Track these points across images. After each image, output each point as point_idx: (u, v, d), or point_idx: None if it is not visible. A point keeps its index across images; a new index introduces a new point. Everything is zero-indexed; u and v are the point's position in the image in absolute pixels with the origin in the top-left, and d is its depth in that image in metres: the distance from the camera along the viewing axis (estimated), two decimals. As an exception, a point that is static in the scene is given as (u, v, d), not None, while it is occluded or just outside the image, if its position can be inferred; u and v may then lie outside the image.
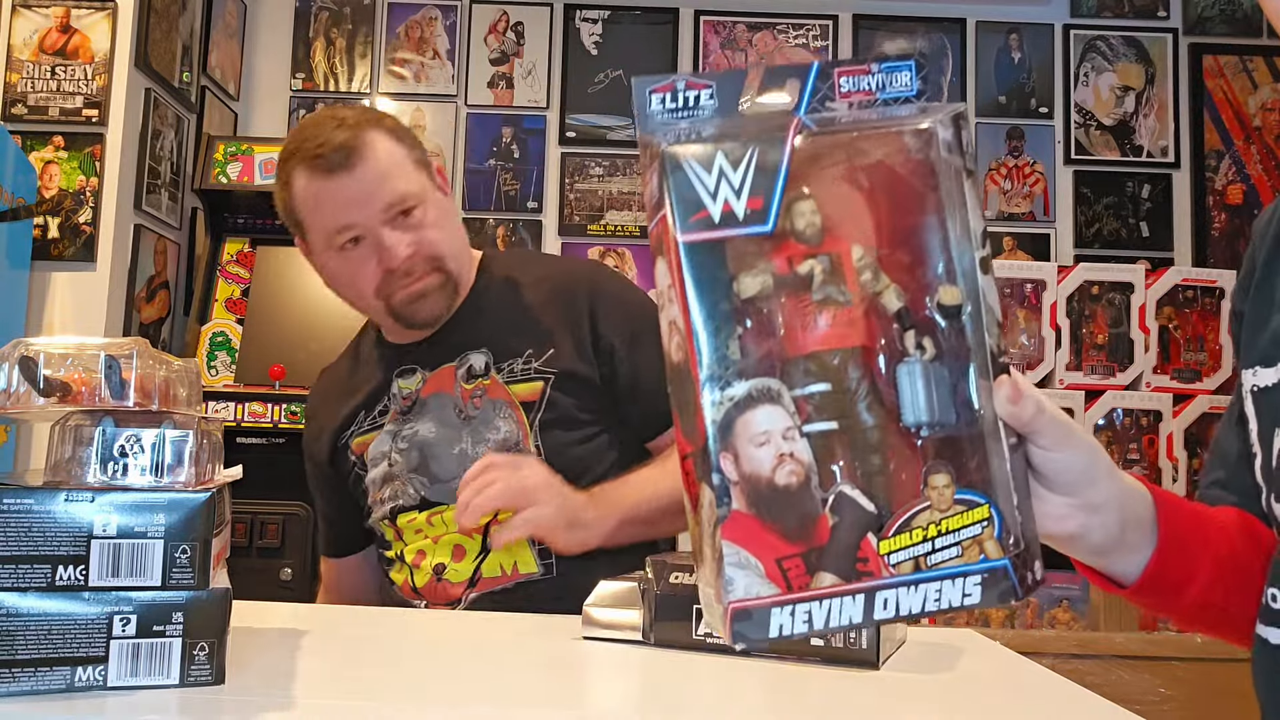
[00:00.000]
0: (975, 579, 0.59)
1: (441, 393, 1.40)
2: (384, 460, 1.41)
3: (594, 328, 1.39)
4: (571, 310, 1.40)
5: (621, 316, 1.41)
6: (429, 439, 1.38)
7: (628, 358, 1.38)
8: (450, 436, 1.37)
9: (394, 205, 1.32)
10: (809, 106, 0.61)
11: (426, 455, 1.38)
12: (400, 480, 1.39)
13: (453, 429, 1.37)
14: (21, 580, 0.67)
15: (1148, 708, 2.02)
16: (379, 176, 1.32)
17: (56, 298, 2.58)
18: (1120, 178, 3.35)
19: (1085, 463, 0.66)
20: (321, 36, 3.36)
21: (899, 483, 0.58)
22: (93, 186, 2.59)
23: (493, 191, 3.33)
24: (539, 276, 1.46)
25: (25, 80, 2.62)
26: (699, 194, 0.58)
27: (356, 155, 1.31)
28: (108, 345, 0.72)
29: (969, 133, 0.61)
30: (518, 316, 1.41)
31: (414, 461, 1.38)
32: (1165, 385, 2.70)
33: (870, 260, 0.59)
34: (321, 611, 1.14)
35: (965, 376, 0.59)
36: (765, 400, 0.57)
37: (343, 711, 0.70)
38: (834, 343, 0.59)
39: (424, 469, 1.38)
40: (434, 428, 1.38)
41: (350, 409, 1.46)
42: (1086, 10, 3.38)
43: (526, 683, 0.82)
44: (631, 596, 0.95)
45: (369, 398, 1.44)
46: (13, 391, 0.71)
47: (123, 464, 0.71)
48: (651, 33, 3.37)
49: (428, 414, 1.39)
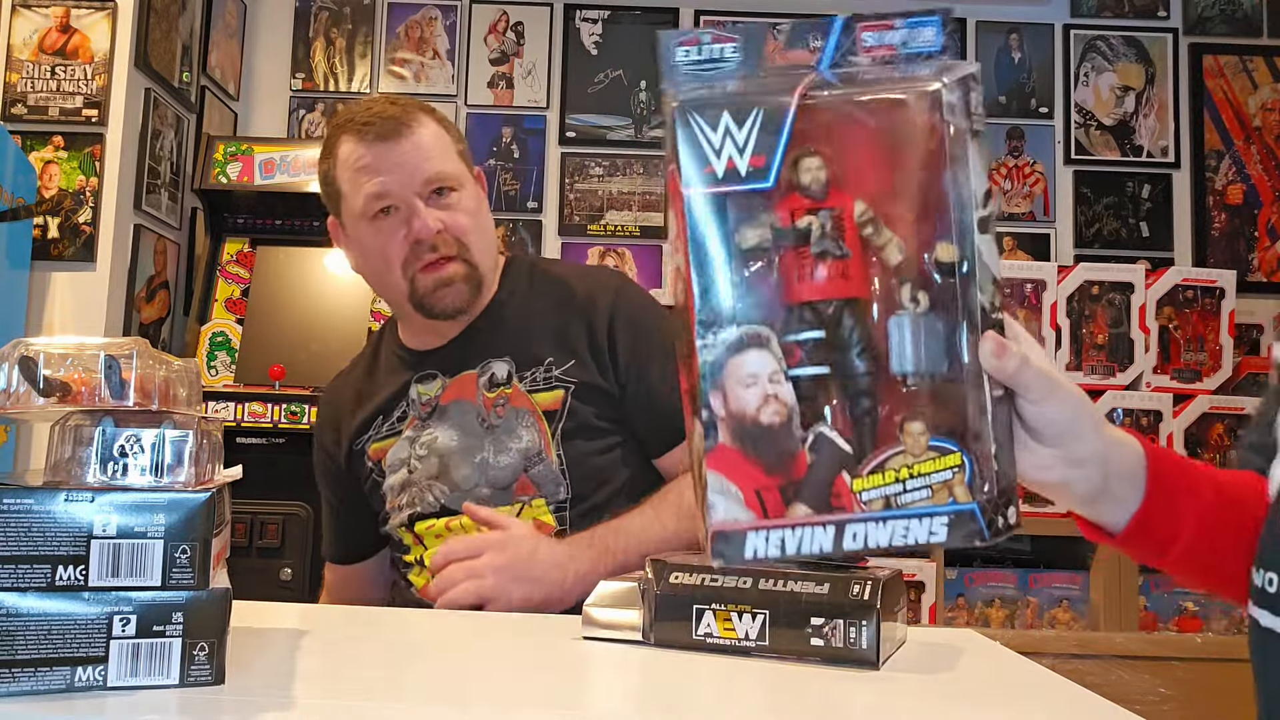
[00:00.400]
0: (943, 519, 0.63)
1: (463, 400, 1.39)
2: (402, 467, 1.40)
3: (612, 342, 1.39)
4: (592, 322, 1.40)
5: (639, 332, 1.40)
6: (450, 446, 1.37)
7: (642, 374, 1.38)
8: (471, 445, 1.36)
9: (433, 181, 1.35)
10: (831, 61, 0.63)
11: (447, 463, 1.37)
12: (419, 487, 1.38)
13: (474, 437, 1.37)
14: (21, 580, 0.67)
15: (1148, 708, 2.02)
16: (423, 152, 1.35)
17: (56, 298, 2.58)
18: (1120, 178, 3.35)
19: (1069, 416, 0.69)
20: (321, 36, 3.36)
21: (881, 428, 0.63)
22: (93, 186, 2.59)
23: (493, 191, 3.32)
24: (562, 286, 1.46)
25: (25, 80, 2.62)
26: (705, 150, 0.61)
27: (405, 128, 1.34)
28: (108, 345, 0.72)
29: (979, 94, 0.62)
30: (540, 325, 1.41)
31: (433, 469, 1.37)
32: (1165, 385, 2.70)
33: (872, 215, 0.62)
34: (321, 611, 1.14)
35: (956, 330, 0.63)
36: (755, 345, 0.62)
37: (343, 711, 0.70)
38: (830, 293, 0.63)
39: (444, 476, 1.37)
40: (455, 435, 1.37)
41: (368, 413, 1.45)
42: (1086, 10, 3.38)
43: (526, 683, 0.82)
44: (631, 596, 0.95)
45: (387, 402, 1.44)
46: (13, 391, 0.71)
47: (123, 464, 0.71)
48: (651, 33, 3.36)
49: (448, 421, 1.38)
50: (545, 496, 1.34)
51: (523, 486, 1.34)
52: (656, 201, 3.34)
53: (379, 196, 1.34)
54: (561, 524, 1.33)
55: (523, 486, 1.34)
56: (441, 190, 1.36)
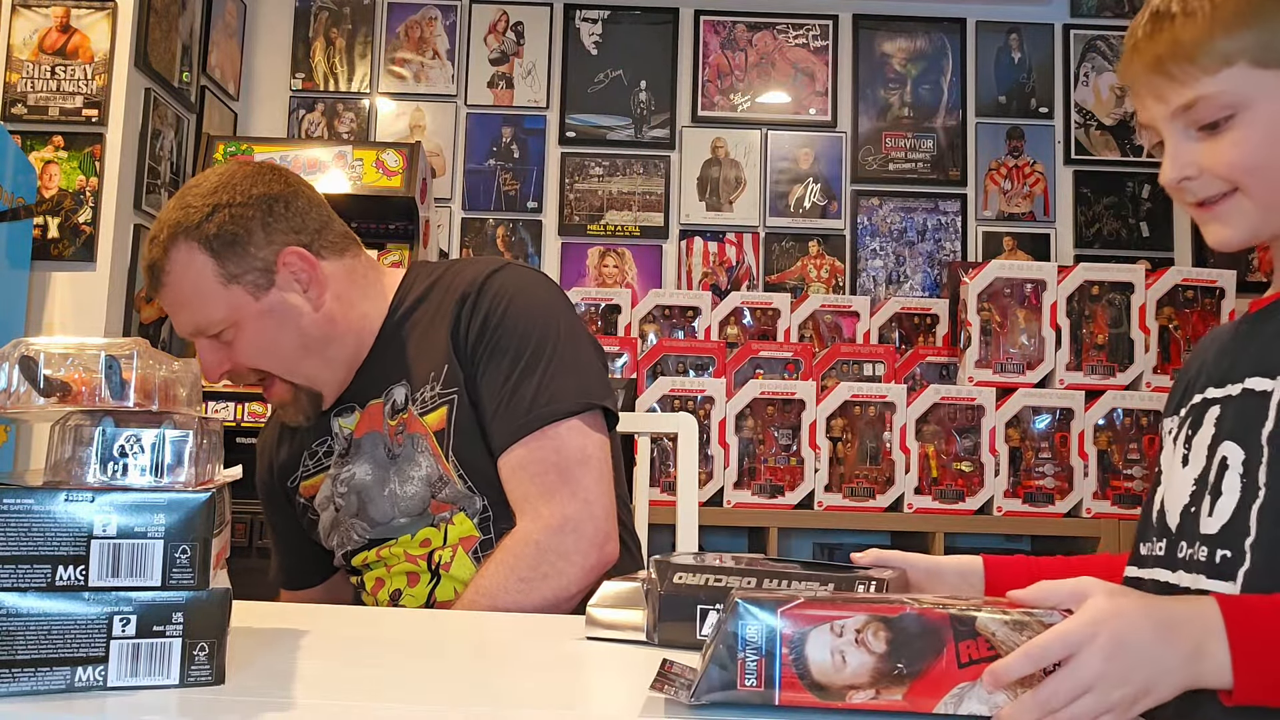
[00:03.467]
0: None
1: (373, 431, 1.34)
2: (329, 505, 1.37)
3: (466, 328, 1.30)
4: (457, 315, 1.31)
5: (492, 314, 1.30)
6: (365, 482, 1.33)
7: (489, 359, 1.29)
8: (381, 477, 1.32)
9: (196, 332, 1.29)
10: None
11: (364, 499, 1.33)
12: (345, 526, 1.35)
13: (383, 468, 1.32)
14: (21, 580, 0.67)
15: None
16: (178, 305, 1.29)
17: (56, 298, 2.58)
18: (1120, 178, 3.35)
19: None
20: (321, 36, 3.36)
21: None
22: (92, 186, 2.59)
23: (493, 191, 3.33)
24: (442, 289, 1.36)
25: (25, 80, 2.62)
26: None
27: (160, 279, 1.28)
28: (108, 345, 0.72)
29: None
30: (424, 337, 1.34)
31: (354, 506, 1.34)
32: (1165, 385, 2.70)
33: None
34: (321, 611, 1.14)
35: None
36: None
37: (343, 711, 0.70)
38: None
39: (363, 513, 1.33)
40: (369, 469, 1.33)
41: (294, 450, 1.41)
42: (1086, 10, 3.38)
43: (526, 683, 0.82)
44: (635, 596, 0.95)
45: (312, 437, 1.39)
46: (13, 391, 0.71)
47: (123, 464, 0.71)
48: (651, 32, 3.37)
49: (362, 455, 1.34)
50: (464, 510, 1.30)
51: (437, 507, 1.30)
52: (656, 201, 3.34)
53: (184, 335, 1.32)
54: (486, 532, 1.29)
55: (437, 507, 1.30)
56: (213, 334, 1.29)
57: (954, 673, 0.66)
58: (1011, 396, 2.72)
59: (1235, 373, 0.86)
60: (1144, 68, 0.89)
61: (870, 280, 3.33)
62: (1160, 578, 0.88)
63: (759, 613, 0.68)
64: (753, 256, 3.33)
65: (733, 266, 3.32)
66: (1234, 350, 0.89)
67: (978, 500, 2.70)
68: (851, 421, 2.73)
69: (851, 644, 0.67)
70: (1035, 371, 2.76)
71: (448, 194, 3.31)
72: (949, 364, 2.96)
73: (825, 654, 0.67)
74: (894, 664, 0.67)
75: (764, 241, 3.33)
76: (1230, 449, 0.82)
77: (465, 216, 3.32)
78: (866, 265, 3.34)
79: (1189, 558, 0.84)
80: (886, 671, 0.67)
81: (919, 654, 0.67)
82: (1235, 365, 0.86)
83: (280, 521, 1.48)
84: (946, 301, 3.04)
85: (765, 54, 3.40)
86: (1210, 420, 0.86)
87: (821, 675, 0.67)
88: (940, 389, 2.74)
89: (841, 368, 2.88)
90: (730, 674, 0.67)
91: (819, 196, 3.35)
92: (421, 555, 1.31)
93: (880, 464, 2.72)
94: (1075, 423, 2.70)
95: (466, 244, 3.31)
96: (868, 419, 2.73)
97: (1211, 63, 0.84)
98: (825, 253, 3.33)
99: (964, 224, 3.34)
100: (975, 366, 2.76)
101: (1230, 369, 0.87)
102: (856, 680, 0.67)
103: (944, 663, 0.67)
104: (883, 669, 0.67)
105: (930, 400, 2.72)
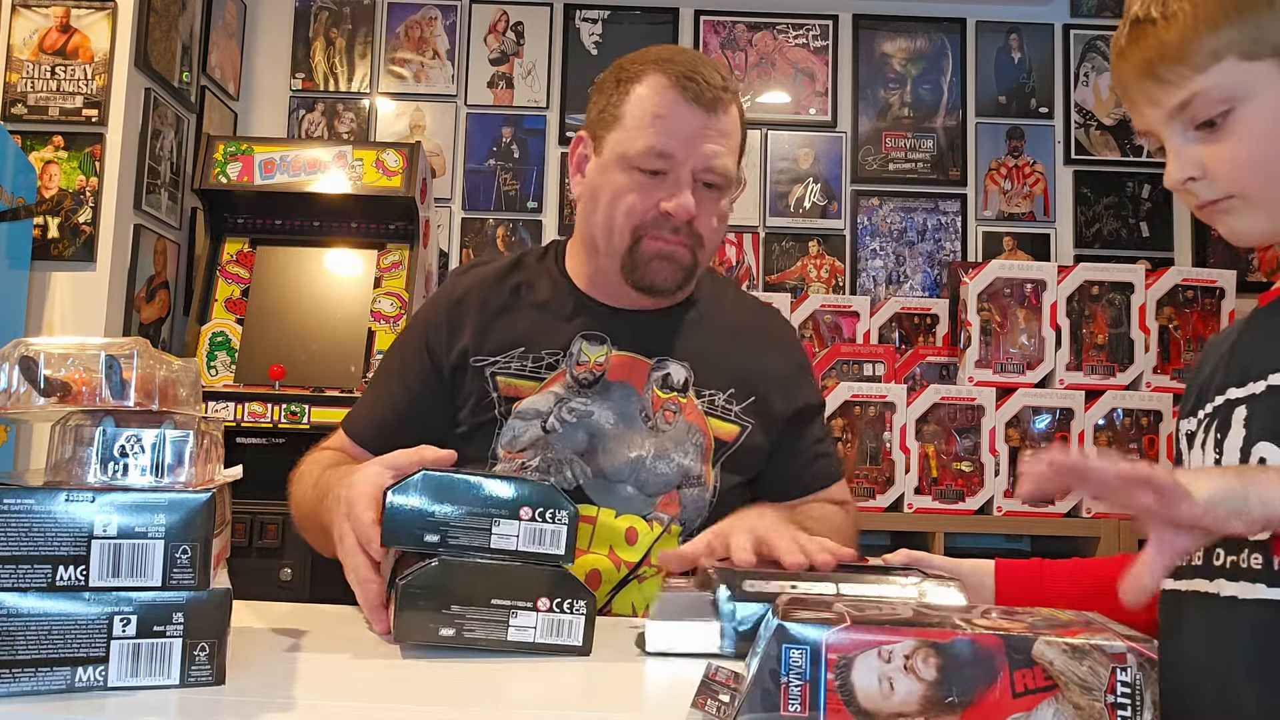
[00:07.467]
0: None
1: (629, 384, 1.30)
2: (537, 419, 1.28)
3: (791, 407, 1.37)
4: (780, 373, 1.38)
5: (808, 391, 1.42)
6: (604, 428, 1.27)
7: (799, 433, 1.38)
8: (630, 438, 1.27)
9: (712, 172, 1.26)
10: None
11: (598, 444, 1.27)
12: (558, 457, 1.26)
13: (636, 432, 1.28)
14: (22, 580, 0.67)
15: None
16: (723, 140, 1.26)
17: (56, 298, 2.58)
18: (1120, 178, 3.35)
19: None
20: (321, 36, 3.36)
21: None
22: (92, 186, 2.59)
23: (493, 191, 3.33)
24: (750, 318, 1.43)
25: (25, 80, 2.62)
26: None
27: (723, 109, 1.25)
28: (108, 345, 0.72)
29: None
30: (727, 349, 1.36)
31: (580, 444, 1.27)
32: (1165, 385, 2.70)
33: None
34: (321, 611, 1.14)
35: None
36: None
37: (343, 711, 0.70)
38: None
39: (591, 458, 1.27)
40: (613, 418, 1.28)
41: (509, 338, 1.32)
42: (1086, 10, 3.38)
43: (527, 683, 0.82)
44: (700, 606, 0.91)
45: (539, 341, 1.32)
46: (13, 391, 0.71)
47: (123, 464, 0.71)
48: (651, 32, 3.37)
49: (610, 400, 1.28)
50: (683, 524, 1.27)
51: (668, 503, 1.27)
52: (656, 201, 3.33)
53: (660, 156, 1.24)
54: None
55: (668, 503, 1.27)
56: (710, 185, 1.27)
57: (1008, 702, 0.64)
58: (1011, 396, 2.72)
59: (1255, 370, 0.83)
60: (1134, 74, 0.89)
61: (870, 280, 3.33)
62: (1200, 589, 0.82)
63: (803, 632, 0.66)
64: (753, 256, 3.33)
65: (733, 266, 3.32)
66: (1250, 347, 0.87)
67: (978, 500, 2.70)
68: (851, 421, 2.73)
69: (900, 670, 0.65)
70: (1035, 371, 2.76)
71: (448, 194, 3.31)
72: (949, 364, 2.96)
73: (873, 680, 0.65)
74: (945, 693, 0.64)
75: (764, 241, 3.33)
76: (1268, 449, 0.79)
77: (465, 216, 3.32)
78: (866, 265, 3.34)
79: (1231, 565, 0.80)
80: (937, 700, 0.64)
81: (971, 682, 0.64)
82: (1254, 362, 0.84)
83: (417, 385, 1.34)
84: (946, 301, 3.03)
85: (765, 54, 3.40)
86: (1239, 421, 0.84)
87: (868, 702, 0.65)
88: (940, 389, 2.74)
89: (841, 368, 2.88)
90: (774, 697, 0.65)
91: (819, 196, 3.35)
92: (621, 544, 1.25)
93: (880, 464, 2.72)
94: (1075, 423, 2.70)
95: (466, 244, 3.31)
96: (868, 419, 2.73)
97: (1201, 60, 0.83)
98: (825, 253, 3.33)
99: (964, 224, 3.34)
100: (975, 366, 2.76)
101: (1249, 366, 0.84)
102: (905, 709, 0.64)
103: (997, 692, 0.64)
104: (933, 697, 0.64)
105: (930, 400, 2.73)
